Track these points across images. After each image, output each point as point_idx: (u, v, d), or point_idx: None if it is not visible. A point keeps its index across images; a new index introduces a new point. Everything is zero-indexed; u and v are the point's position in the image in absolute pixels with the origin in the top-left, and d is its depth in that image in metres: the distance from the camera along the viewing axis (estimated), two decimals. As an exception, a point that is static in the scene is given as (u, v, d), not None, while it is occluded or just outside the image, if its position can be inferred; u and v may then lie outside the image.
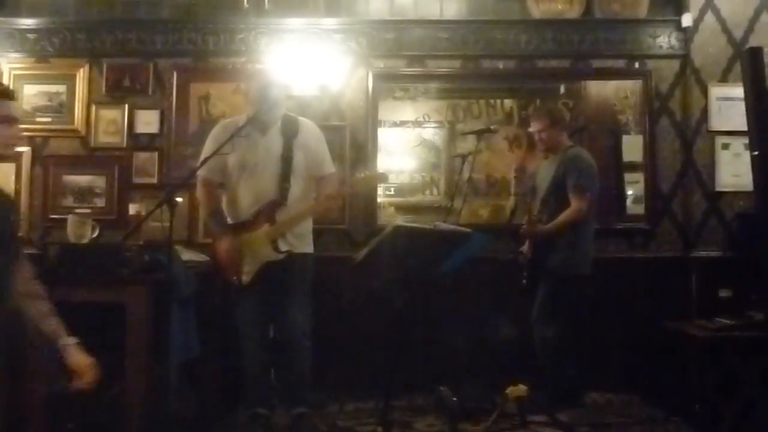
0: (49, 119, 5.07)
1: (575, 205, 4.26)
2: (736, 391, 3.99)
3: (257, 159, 3.87)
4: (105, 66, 5.08)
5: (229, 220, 3.97)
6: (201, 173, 3.92)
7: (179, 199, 3.81)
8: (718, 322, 4.21)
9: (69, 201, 5.01)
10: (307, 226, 4.00)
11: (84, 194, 5.02)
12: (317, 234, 4.16)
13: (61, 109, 5.07)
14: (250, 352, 3.92)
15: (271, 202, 3.83)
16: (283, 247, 3.81)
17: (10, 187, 4.74)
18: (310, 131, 4.02)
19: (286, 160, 3.86)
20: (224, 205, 4.01)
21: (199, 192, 4.06)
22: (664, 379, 4.44)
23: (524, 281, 4.37)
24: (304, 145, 3.93)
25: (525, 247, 4.45)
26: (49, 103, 5.07)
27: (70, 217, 4.11)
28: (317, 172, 3.99)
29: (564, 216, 4.28)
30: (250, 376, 3.94)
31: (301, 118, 4.08)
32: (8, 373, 2.89)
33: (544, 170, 4.54)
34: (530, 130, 4.66)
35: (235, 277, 3.85)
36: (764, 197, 3.97)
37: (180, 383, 3.77)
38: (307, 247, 3.98)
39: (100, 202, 5.02)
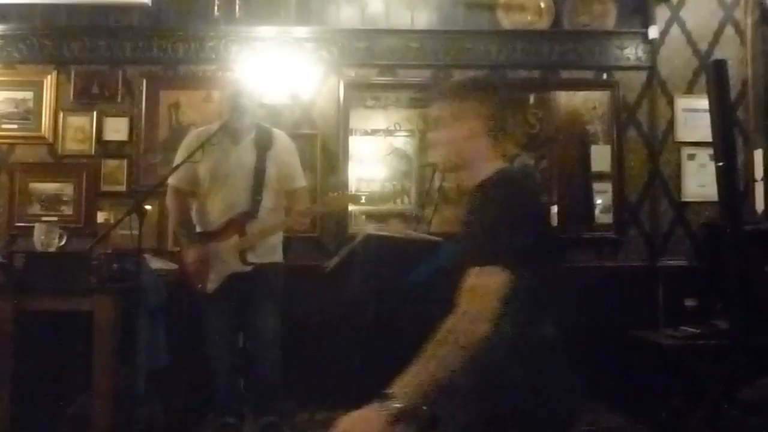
0: (15, 126, 4.99)
1: None
2: (701, 399, 4.03)
3: (229, 169, 3.86)
4: (73, 72, 5.01)
5: (198, 228, 3.95)
6: (171, 182, 3.93)
7: (148, 207, 3.80)
8: (684, 331, 4.26)
9: (36, 209, 4.93)
10: (277, 236, 3.99)
11: (51, 202, 4.94)
12: (288, 242, 4.15)
13: (28, 115, 4.99)
14: (218, 360, 3.89)
15: (241, 214, 3.81)
16: (251, 259, 3.80)
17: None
18: (283, 144, 4.01)
19: (259, 173, 3.85)
20: (193, 213, 3.99)
21: (169, 201, 4.06)
22: (631, 387, 4.48)
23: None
24: (276, 158, 3.92)
25: None
26: (15, 110, 4.99)
27: (37, 225, 4.06)
28: (288, 186, 3.98)
29: None
30: (218, 385, 3.91)
31: (275, 130, 4.06)
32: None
33: None
34: None
35: (200, 285, 3.84)
36: (729, 207, 4.03)
37: (148, 393, 3.74)
38: (277, 256, 3.97)
39: (67, 210, 4.95)
